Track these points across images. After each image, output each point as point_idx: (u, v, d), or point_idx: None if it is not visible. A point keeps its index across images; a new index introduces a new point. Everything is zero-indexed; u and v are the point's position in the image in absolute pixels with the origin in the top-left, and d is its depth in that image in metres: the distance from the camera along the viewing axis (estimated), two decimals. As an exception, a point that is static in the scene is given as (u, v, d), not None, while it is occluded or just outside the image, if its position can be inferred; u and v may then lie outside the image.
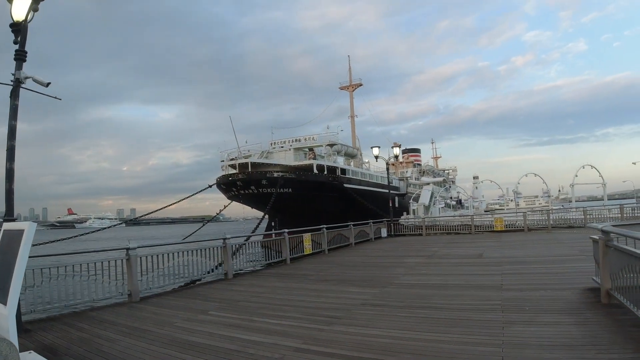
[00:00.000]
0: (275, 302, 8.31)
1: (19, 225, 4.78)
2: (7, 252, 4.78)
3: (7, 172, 6.70)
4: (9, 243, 4.83)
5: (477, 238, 22.07)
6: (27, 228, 4.52)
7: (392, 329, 5.92)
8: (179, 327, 6.64)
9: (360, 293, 8.74)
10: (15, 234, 4.69)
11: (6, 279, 4.48)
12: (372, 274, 11.63)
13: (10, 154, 6.75)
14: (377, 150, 26.75)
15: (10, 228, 5.06)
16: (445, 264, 12.95)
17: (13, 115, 6.82)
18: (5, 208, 6.69)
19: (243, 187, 40.17)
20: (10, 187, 6.67)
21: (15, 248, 4.52)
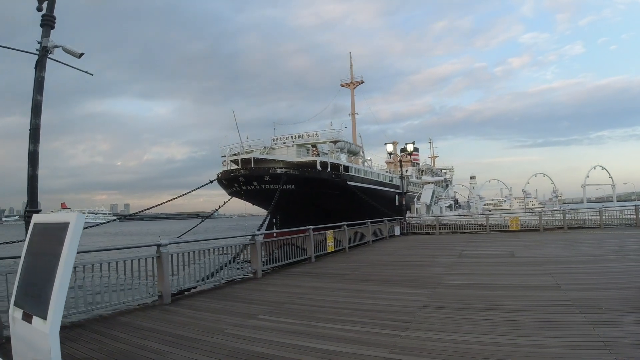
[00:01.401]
0: (325, 305, 7.53)
1: (62, 218, 3.82)
2: (45, 252, 3.83)
3: (30, 155, 5.75)
4: (46, 240, 3.88)
5: (495, 237, 21.46)
6: (74, 221, 3.58)
7: (476, 333, 5.38)
8: (232, 334, 5.79)
9: (413, 294, 8.12)
10: (55, 229, 3.75)
11: (44, 287, 3.55)
12: (411, 273, 10.94)
13: (35, 135, 5.81)
14: (391, 146, 26.03)
15: (47, 221, 4.11)
16: (482, 264, 12.30)
17: (38, 88, 5.87)
18: (27, 197, 5.71)
19: (245, 183, 39.12)
20: (34, 172, 5.73)
21: (56, 247, 3.58)
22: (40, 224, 4.13)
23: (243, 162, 40.91)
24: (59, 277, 3.39)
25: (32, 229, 4.16)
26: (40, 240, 3.99)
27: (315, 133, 45.31)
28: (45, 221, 4.08)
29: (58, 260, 3.47)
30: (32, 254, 4.05)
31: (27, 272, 4.02)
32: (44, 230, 3.98)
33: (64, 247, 3.47)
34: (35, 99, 5.80)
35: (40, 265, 3.82)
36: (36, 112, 5.79)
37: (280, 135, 46.61)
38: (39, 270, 3.79)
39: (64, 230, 3.56)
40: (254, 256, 10.74)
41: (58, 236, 3.61)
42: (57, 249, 3.54)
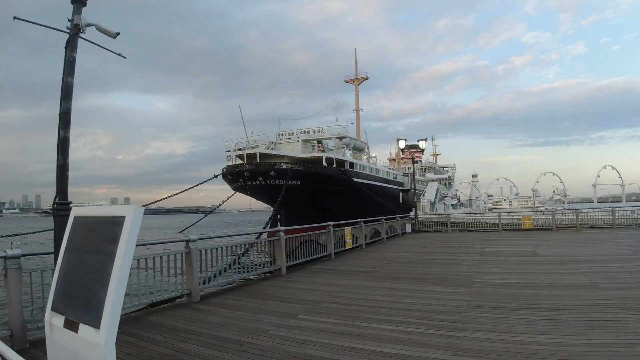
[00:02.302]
0: (363, 304, 7.19)
1: (116, 211, 3.38)
2: (93, 250, 3.43)
3: (61, 142, 5.30)
4: (94, 237, 3.47)
5: (509, 236, 21.14)
6: (132, 215, 3.16)
7: (533, 334, 5.20)
8: (277, 335, 5.43)
9: (450, 293, 7.87)
10: (107, 224, 3.34)
11: (95, 290, 3.13)
12: (439, 271, 10.58)
13: (65, 120, 5.35)
14: (403, 143, 25.55)
15: (94, 215, 3.69)
16: (507, 262, 12.04)
17: (69, 70, 5.41)
18: (56, 188, 5.25)
19: (250, 178, 38.67)
20: (64, 161, 5.27)
21: (109, 244, 3.17)
22: (84, 217, 3.70)
23: (248, 157, 40.44)
24: (115, 279, 2.97)
25: (73, 223, 3.73)
26: (86, 236, 3.55)
27: (321, 129, 44.82)
28: (92, 215, 3.64)
29: (112, 260, 3.06)
30: (75, 251, 3.61)
31: (69, 272, 3.60)
32: (91, 225, 3.54)
33: (120, 244, 3.05)
34: (66, 81, 5.34)
35: (88, 264, 3.39)
36: (67, 95, 5.32)
37: (286, 131, 46.12)
38: (86, 270, 3.36)
39: (119, 225, 3.14)
40: (279, 252, 10.35)
41: (111, 232, 3.19)
42: (110, 246, 3.12)
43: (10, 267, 5.24)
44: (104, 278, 3.03)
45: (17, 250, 5.39)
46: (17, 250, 5.37)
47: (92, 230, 3.48)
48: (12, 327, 5.15)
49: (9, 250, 5.30)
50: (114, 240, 3.11)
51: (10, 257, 5.27)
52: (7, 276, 5.23)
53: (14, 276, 5.26)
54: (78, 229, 3.64)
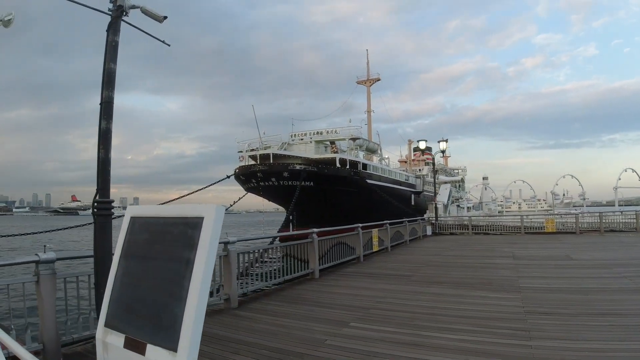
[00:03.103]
0: (414, 310, 6.75)
1: (191, 211, 2.83)
2: (161, 256, 2.89)
3: (102, 134, 4.87)
4: (162, 241, 2.94)
5: (534, 239, 20.61)
6: (213, 215, 2.65)
7: (610, 341, 4.97)
8: (337, 346, 5.01)
9: (501, 299, 7.48)
10: (179, 226, 2.82)
11: (169, 305, 2.61)
12: (479, 275, 10.11)
13: (107, 110, 4.93)
14: (424, 143, 24.98)
15: (161, 215, 3.14)
16: (546, 266, 11.59)
17: (111, 56, 4.99)
18: (97, 184, 4.79)
19: (263, 179, 38.29)
20: (106, 155, 4.84)
21: (183, 250, 2.67)
22: (145, 218, 3.18)
23: (261, 158, 40.10)
24: (196, 292, 2.48)
25: (131, 225, 3.24)
26: (150, 239, 3.03)
27: (334, 130, 44.38)
28: (157, 215, 3.13)
29: (189, 269, 2.57)
30: (136, 257, 3.10)
31: (128, 282, 3.08)
32: (157, 226, 3.01)
33: (200, 250, 2.57)
34: (108, 67, 4.91)
35: (156, 274, 2.87)
36: (109, 82, 4.90)
37: (298, 132, 45.74)
38: (154, 280, 2.84)
39: (196, 227, 2.65)
40: (312, 255, 9.89)
41: (186, 236, 2.70)
42: (186, 253, 2.63)
43: (43, 272, 4.73)
44: (179, 290, 2.55)
45: (51, 253, 4.83)
46: (52, 254, 4.82)
47: (159, 233, 2.97)
48: (45, 339, 4.62)
49: (42, 254, 4.77)
50: (190, 245, 2.63)
51: (44, 261, 4.74)
52: (40, 283, 4.71)
53: (47, 283, 4.75)
54: (138, 231, 3.15)
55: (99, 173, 4.84)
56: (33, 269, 4.78)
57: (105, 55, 4.98)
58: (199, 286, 2.46)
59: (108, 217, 4.68)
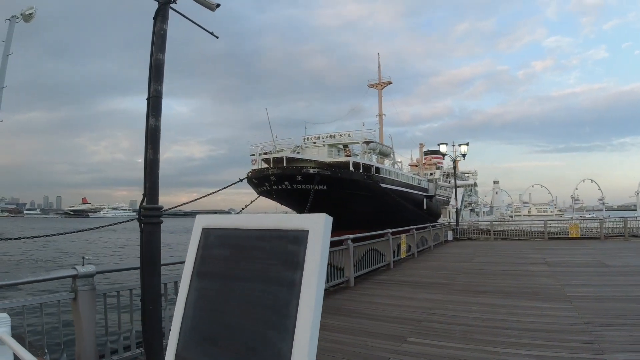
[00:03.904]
0: (471, 322, 6.38)
1: (291, 222, 2.26)
2: (255, 277, 2.15)
3: (150, 132, 4.45)
4: (254, 258, 2.29)
5: (559, 245, 20.15)
6: (320, 227, 2.14)
7: None
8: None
9: (554, 309, 7.20)
10: (276, 241, 2.25)
11: (269, 338, 2.09)
12: (521, 284, 9.70)
13: (155, 105, 4.49)
14: (445, 147, 24.44)
15: (247, 227, 2.44)
16: (586, 274, 11.26)
17: (159, 45, 4.53)
18: (144, 189, 4.31)
19: (277, 183, 37.93)
20: (154, 156, 4.40)
21: (284, 271, 2.14)
22: (223, 230, 2.71)
23: (275, 161, 39.81)
24: (307, 322, 2.02)
25: (204, 237, 2.76)
26: (234, 256, 2.51)
27: (347, 133, 43.98)
28: (241, 227, 2.64)
29: (294, 292, 2.13)
30: (213, 277, 2.57)
31: (206, 307, 2.49)
32: (243, 240, 2.54)
33: (308, 270, 2.11)
34: (156, 58, 4.46)
35: (244, 298, 2.40)
36: (157, 75, 4.44)
37: (311, 135, 45.37)
38: (242, 306, 2.40)
39: (300, 243, 2.20)
40: (347, 262, 9.48)
41: (285, 252, 2.24)
42: (289, 273, 2.16)
43: (81, 288, 4.27)
44: (283, 320, 2.10)
45: (90, 266, 4.37)
46: (91, 267, 4.37)
47: (245, 249, 2.51)
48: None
49: (81, 267, 4.30)
50: (293, 264, 2.19)
51: (82, 275, 4.28)
52: (78, 299, 4.25)
53: (86, 299, 4.30)
54: (214, 245, 2.67)
55: (147, 176, 4.36)
56: (69, 283, 4.33)
57: (152, 45, 4.53)
58: (311, 316, 2.03)
59: (157, 226, 4.25)
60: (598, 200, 40.02)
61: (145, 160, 4.43)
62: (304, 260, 2.21)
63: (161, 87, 4.52)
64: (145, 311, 4.01)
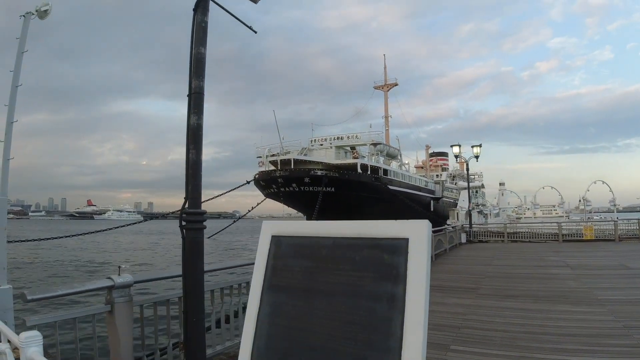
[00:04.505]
0: (507, 328, 6.23)
1: (385, 229, 2.09)
2: (344, 291, 2.09)
3: (192, 131, 4.21)
4: (341, 270, 2.14)
5: (577, 247, 19.86)
6: (422, 235, 1.92)
7: None
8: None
9: (589, 313, 7.09)
10: (368, 250, 2.07)
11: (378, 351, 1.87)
12: (549, 287, 9.54)
13: (197, 102, 4.20)
14: (458, 148, 24.20)
15: (327, 235, 2.31)
16: (608, 276, 11.21)
17: (200, 38, 4.26)
18: (186, 192, 4.03)
19: (284, 185, 37.80)
20: (197, 156, 4.18)
21: (382, 284, 1.95)
22: (300, 238, 2.44)
23: (282, 163, 39.69)
24: (417, 342, 1.83)
25: (275, 246, 2.51)
26: (314, 267, 2.27)
27: (355, 135, 43.85)
28: (322, 234, 2.39)
29: (396, 309, 1.92)
30: (290, 291, 2.35)
31: (283, 324, 2.34)
32: (324, 250, 2.29)
33: (412, 284, 1.93)
34: (197, 52, 4.16)
35: (333, 314, 2.16)
36: (198, 69, 4.11)
37: (318, 137, 45.32)
38: (331, 323, 2.16)
39: (398, 253, 2.00)
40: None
41: (381, 263, 2.03)
42: (387, 286, 1.96)
43: (118, 300, 3.97)
44: (385, 340, 1.87)
45: (127, 276, 4.07)
46: (128, 277, 4.07)
47: (329, 260, 2.23)
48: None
49: (117, 277, 4.00)
50: (393, 276, 1.96)
51: (119, 286, 3.97)
52: (114, 312, 3.93)
53: (122, 312, 3.99)
54: (288, 254, 2.43)
55: (189, 178, 4.11)
56: (104, 294, 4.04)
57: (192, 39, 4.25)
58: (422, 335, 1.84)
59: (200, 232, 4.04)
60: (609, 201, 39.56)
61: (187, 162, 4.19)
62: (405, 273, 2.00)
63: (203, 83, 4.26)
64: (188, 324, 3.81)
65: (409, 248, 2.06)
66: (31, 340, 2.36)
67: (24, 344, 2.35)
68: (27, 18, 7.23)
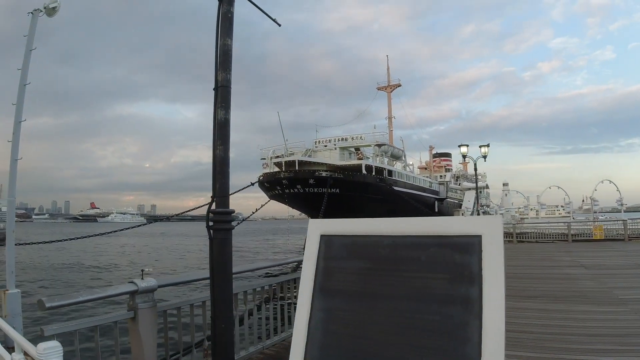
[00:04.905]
0: (531, 330, 6.08)
1: (453, 226, 2.05)
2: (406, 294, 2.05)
3: (219, 126, 3.99)
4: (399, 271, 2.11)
5: (587, 247, 19.76)
6: (496, 232, 1.93)
7: None
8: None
9: (611, 312, 7.02)
10: (431, 250, 2.04)
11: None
12: (567, 287, 9.41)
13: (224, 95, 3.93)
14: (466, 148, 23.99)
15: (385, 232, 2.23)
16: (625, 276, 11.12)
17: (226, 29, 3.99)
18: (213, 191, 3.77)
19: (289, 186, 37.68)
20: (225, 153, 3.95)
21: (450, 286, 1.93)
22: (352, 237, 2.32)
23: (287, 165, 39.58)
24: (495, 348, 1.74)
25: (325, 246, 2.38)
26: (371, 268, 2.19)
27: (359, 136, 43.74)
28: (374, 232, 2.26)
29: (471, 313, 1.82)
30: (344, 295, 2.23)
31: (339, 331, 2.23)
32: (380, 249, 2.19)
33: (489, 285, 1.84)
34: (224, 44, 3.92)
35: (397, 320, 2.04)
36: (225, 62, 3.94)
37: (322, 138, 45.21)
38: (396, 329, 2.03)
39: (471, 252, 1.91)
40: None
41: (451, 263, 1.94)
42: (459, 288, 1.87)
43: (142, 305, 3.69)
44: (461, 346, 1.79)
45: (150, 280, 3.81)
46: (152, 281, 3.81)
47: (390, 260, 2.14)
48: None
49: (140, 281, 3.74)
50: (465, 277, 1.86)
51: (143, 290, 3.70)
52: (137, 318, 3.67)
53: (146, 318, 3.73)
54: (341, 255, 2.30)
55: (216, 176, 3.84)
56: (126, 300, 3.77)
57: (218, 30, 4.00)
58: (501, 340, 1.71)
59: (228, 232, 3.88)
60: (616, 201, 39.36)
61: (214, 158, 3.90)
62: (480, 273, 1.88)
63: (230, 75, 4.04)
64: (217, 330, 3.67)
65: (483, 246, 1.94)
66: (51, 352, 2.22)
67: (43, 356, 2.20)
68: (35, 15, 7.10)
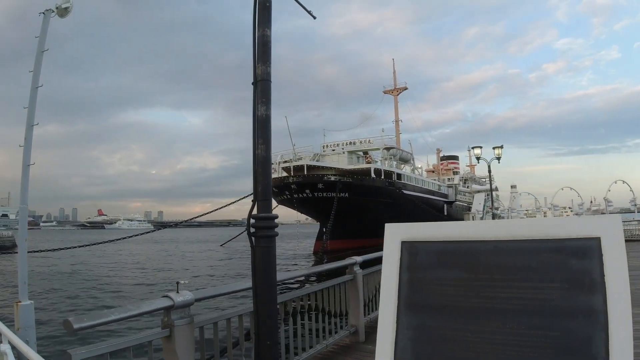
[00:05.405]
0: None
1: (565, 228, 1.80)
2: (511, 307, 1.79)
3: (260, 123, 3.61)
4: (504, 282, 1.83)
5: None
6: (615, 233, 1.69)
7: None
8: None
9: None
10: (540, 256, 1.78)
11: None
12: None
13: (264, 90, 3.59)
14: (480, 150, 23.66)
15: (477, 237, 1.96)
16: None
17: (264, 19, 3.53)
18: (254, 194, 3.46)
19: (297, 191, 37.40)
20: (266, 152, 3.45)
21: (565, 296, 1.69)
22: (440, 244, 2.05)
23: (295, 170, 39.29)
24: None
25: (407, 254, 2.10)
26: (467, 279, 1.93)
27: (367, 140, 43.47)
28: (463, 238, 2.00)
29: (596, 327, 1.59)
30: (436, 310, 1.98)
31: (435, 353, 1.96)
32: (478, 257, 1.94)
33: (612, 293, 1.60)
34: (262, 35, 3.67)
35: (502, 338, 1.81)
36: (264, 54, 3.64)
37: (330, 142, 44.93)
38: (500, 350, 1.81)
39: (589, 256, 1.69)
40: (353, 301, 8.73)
41: (566, 269, 1.74)
42: (577, 299, 1.66)
43: (178, 322, 3.22)
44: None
45: (187, 293, 3.34)
46: (188, 295, 3.35)
47: (491, 268, 1.89)
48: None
49: (177, 295, 3.27)
50: (585, 285, 1.64)
51: (179, 305, 3.24)
52: (173, 336, 3.23)
53: (183, 336, 3.28)
54: (433, 265, 2.03)
55: (257, 178, 3.49)
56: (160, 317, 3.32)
57: (255, 21, 3.63)
58: (630, 355, 1.49)
59: (272, 239, 3.46)
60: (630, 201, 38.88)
61: (254, 158, 3.54)
62: (603, 280, 1.62)
63: (269, 68, 3.65)
64: (261, 348, 3.35)
65: (603, 249, 1.68)
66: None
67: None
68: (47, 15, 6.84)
